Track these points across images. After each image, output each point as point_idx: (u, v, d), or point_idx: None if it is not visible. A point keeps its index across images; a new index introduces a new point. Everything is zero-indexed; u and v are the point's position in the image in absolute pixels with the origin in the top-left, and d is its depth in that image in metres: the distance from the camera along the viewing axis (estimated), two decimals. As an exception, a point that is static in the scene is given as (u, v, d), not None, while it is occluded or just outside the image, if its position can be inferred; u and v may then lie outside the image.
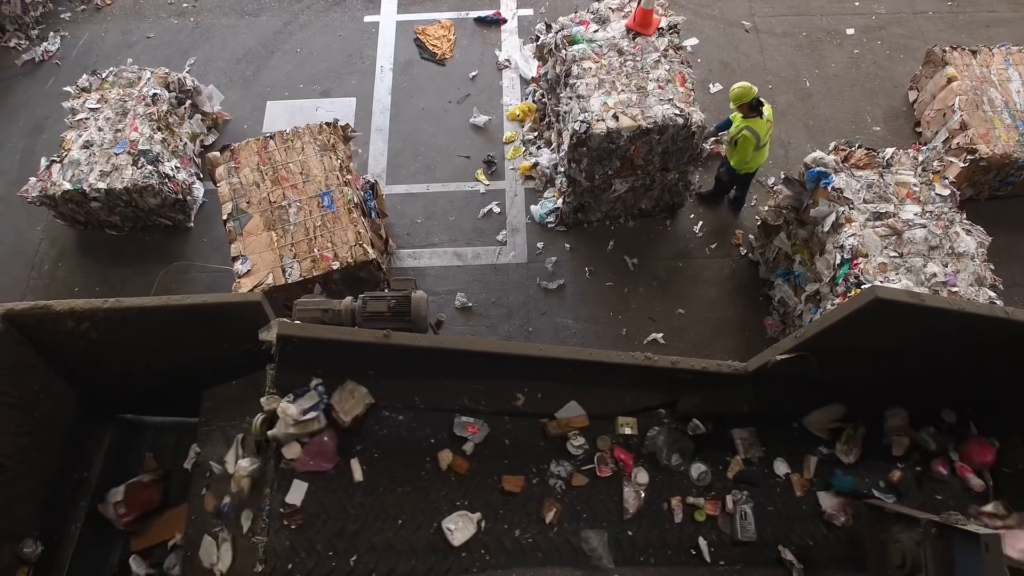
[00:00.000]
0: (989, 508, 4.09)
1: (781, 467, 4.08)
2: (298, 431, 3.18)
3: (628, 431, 3.91)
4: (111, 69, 8.36)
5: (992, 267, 6.18)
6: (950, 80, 8.00)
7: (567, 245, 7.99)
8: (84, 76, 8.32)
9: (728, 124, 7.36)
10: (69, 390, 3.82)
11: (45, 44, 9.69)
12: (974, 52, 8.16)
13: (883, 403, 4.33)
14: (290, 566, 3.11)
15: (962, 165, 7.39)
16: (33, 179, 7.59)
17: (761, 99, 7.01)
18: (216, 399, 3.77)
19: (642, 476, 3.82)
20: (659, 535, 3.71)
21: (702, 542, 3.74)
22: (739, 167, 7.36)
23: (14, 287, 7.86)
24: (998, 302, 5.85)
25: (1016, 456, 4.29)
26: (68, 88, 8.39)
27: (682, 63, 7.26)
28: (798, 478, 4.05)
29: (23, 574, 3.44)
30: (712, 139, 8.02)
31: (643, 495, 3.77)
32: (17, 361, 3.44)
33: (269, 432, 3.17)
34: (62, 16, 10.07)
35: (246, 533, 3.19)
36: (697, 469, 3.93)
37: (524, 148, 8.62)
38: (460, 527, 3.42)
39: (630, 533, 3.67)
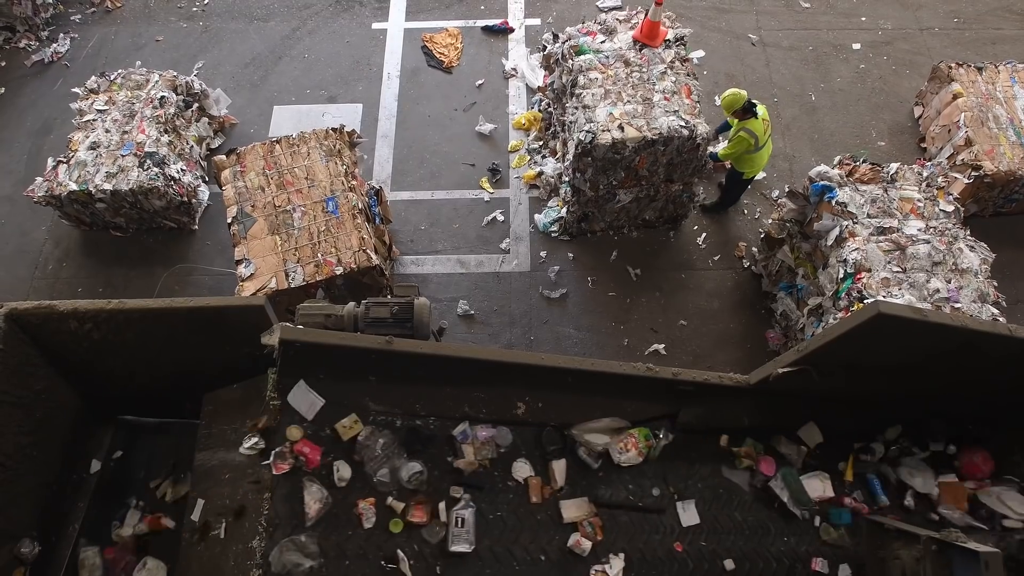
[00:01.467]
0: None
1: (523, 470, 3.69)
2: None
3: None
4: (119, 71, 8.40)
5: (995, 284, 6.17)
6: (955, 96, 8.01)
7: (570, 254, 8.00)
8: (92, 78, 8.35)
9: (727, 126, 7.43)
10: (70, 390, 3.83)
11: (55, 45, 9.75)
12: (980, 69, 8.18)
13: (885, 418, 4.33)
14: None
15: (966, 181, 7.38)
16: (39, 179, 7.62)
17: (753, 100, 7.07)
18: (217, 402, 3.77)
19: (345, 471, 3.32)
20: (337, 543, 3.22)
21: (400, 554, 3.27)
22: (724, 157, 7.41)
23: (18, 287, 7.88)
24: (1001, 319, 5.85)
25: (1017, 472, 4.28)
26: (76, 89, 8.43)
27: (688, 75, 7.28)
28: (537, 483, 3.67)
29: (20, 574, 3.43)
30: (717, 148, 8.03)
31: (329, 497, 3.24)
32: (20, 361, 3.44)
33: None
34: (72, 18, 10.13)
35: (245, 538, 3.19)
36: (410, 469, 3.41)
37: (529, 157, 8.64)
38: None
39: (304, 539, 3.13)
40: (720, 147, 7.58)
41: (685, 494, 3.96)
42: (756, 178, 8.14)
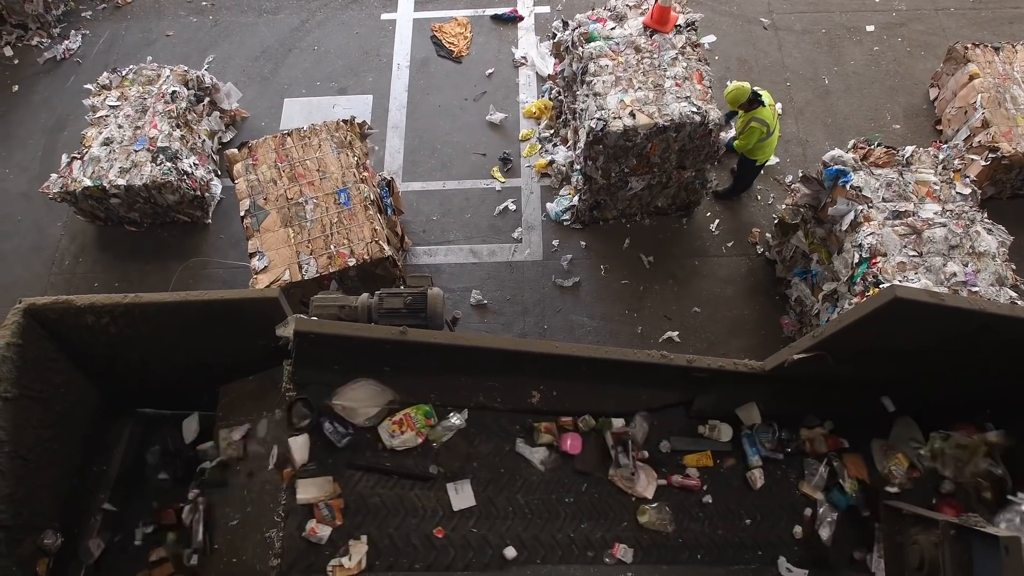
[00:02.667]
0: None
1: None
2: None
3: None
4: (131, 67, 8.44)
5: (1013, 267, 6.10)
6: (972, 77, 7.90)
7: (583, 243, 7.98)
8: (104, 74, 8.40)
9: (734, 115, 7.42)
10: (89, 384, 3.86)
11: (67, 42, 9.79)
12: (997, 49, 8.06)
13: (900, 404, 4.30)
14: (305, 560, 3.13)
15: (983, 163, 7.30)
16: (54, 175, 7.68)
17: (757, 90, 7.03)
18: (233, 394, 3.80)
19: None
20: None
21: None
22: (741, 149, 7.39)
23: (35, 282, 7.96)
24: (1019, 302, 5.78)
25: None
26: (89, 86, 8.47)
27: (699, 60, 7.22)
28: (289, 471, 3.28)
29: (43, 565, 3.48)
30: (728, 136, 7.97)
31: None
32: (38, 355, 3.48)
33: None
34: (83, 14, 10.17)
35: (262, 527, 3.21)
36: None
37: (540, 146, 8.61)
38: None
39: None
40: (731, 133, 7.53)
41: (461, 474, 3.61)
42: (768, 163, 8.07)
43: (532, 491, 3.73)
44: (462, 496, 3.56)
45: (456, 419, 3.60)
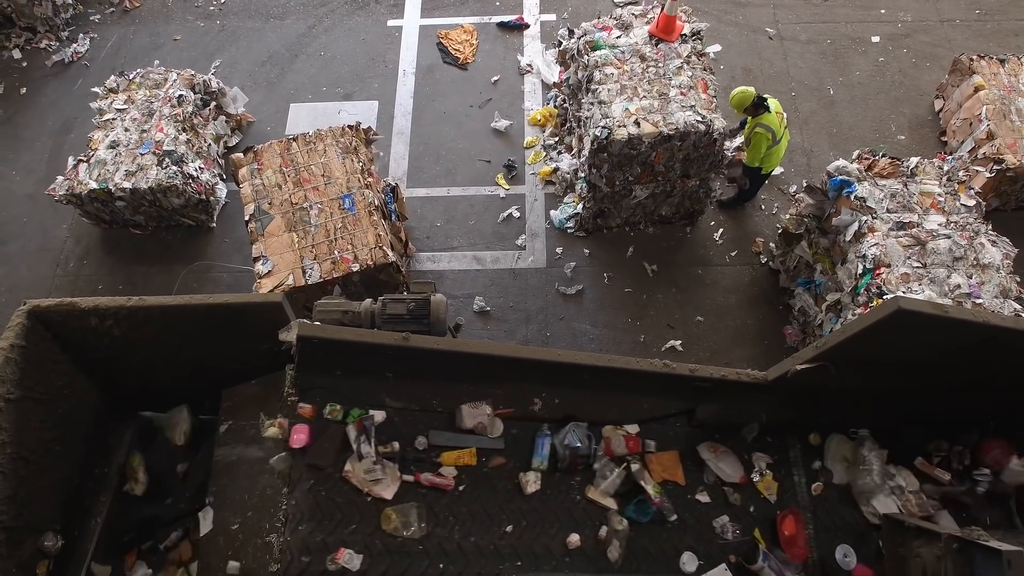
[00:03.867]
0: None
1: None
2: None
3: None
4: (138, 70, 8.48)
5: (1018, 279, 6.08)
6: (977, 89, 7.90)
7: (586, 250, 7.98)
8: (112, 77, 8.45)
9: (743, 122, 7.42)
10: (91, 386, 3.87)
11: (75, 45, 9.85)
12: (1002, 61, 8.06)
13: (903, 416, 4.28)
14: (304, 564, 3.12)
15: (988, 175, 7.29)
16: (60, 178, 7.72)
17: (763, 96, 7.03)
18: (235, 398, 3.80)
19: None
20: None
21: None
22: (751, 163, 7.38)
23: (40, 284, 7.98)
24: (1023, 315, 5.77)
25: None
26: (96, 89, 8.52)
27: (704, 70, 7.24)
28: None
29: (43, 567, 3.48)
30: (735, 144, 7.96)
31: None
32: (42, 357, 3.49)
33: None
34: (91, 18, 10.23)
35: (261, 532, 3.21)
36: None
37: (545, 153, 8.63)
38: None
39: None
40: (737, 142, 7.53)
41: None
42: (773, 173, 8.08)
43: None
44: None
45: None
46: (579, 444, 3.66)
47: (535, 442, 3.69)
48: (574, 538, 3.54)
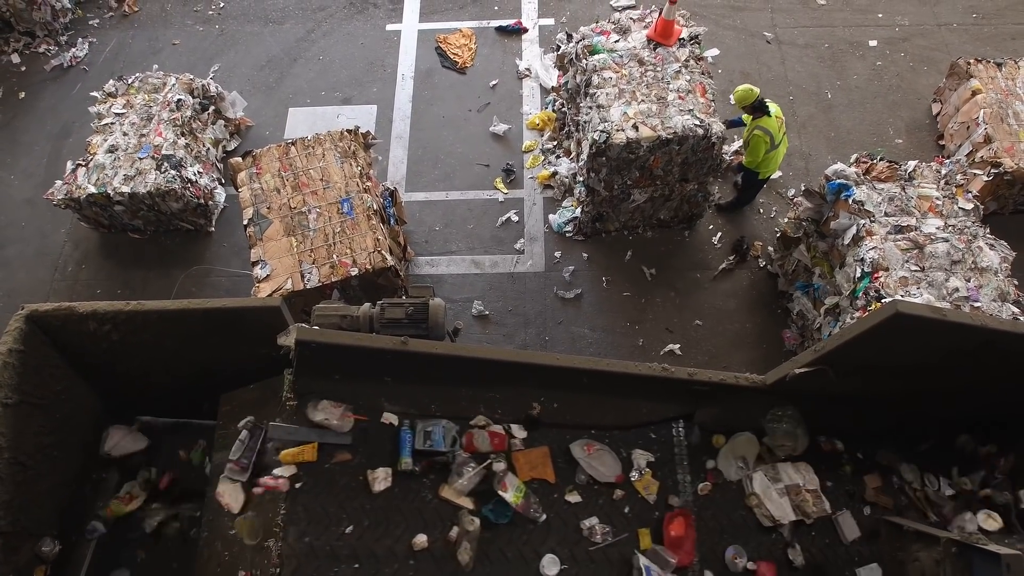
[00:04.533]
0: None
1: None
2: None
3: None
4: (137, 75, 8.48)
5: (1016, 282, 6.09)
6: (974, 93, 7.92)
7: (585, 255, 7.98)
8: (110, 81, 8.45)
9: (738, 121, 7.43)
10: (89, 391, 3.87)
11: (73, 50, 9.86)
12: (999, 65, 8.08)
13: (903, 419, 4.29)
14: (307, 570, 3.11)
15: (986, 179, 7.30)
16: (59, 182, 7.71)
17: (765, 99, 7.06)
18: (233, 403, 3.80)
19: None
20: None
21: None
22: (750, 165, 7.41)
23: (38, 288, 7.97)
24: (1022, 318, 5.77)
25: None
26: (95, 93, 8.53)
27: (703, 74, 7.25)
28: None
29: (41, 572, 3.47)
30: (733, 148, 7.98)
31: None
32: (40, 361, 3.48)
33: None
34: (90, 22, 10.24)
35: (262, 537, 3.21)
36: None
37: (543, 157, 8.63)
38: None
39: None
40: (735, 145, 7.55)
41: None
42: (772, 177, 8.09)
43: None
44: None
45: None
46: (440, 440, 3.49)
47: (399, 438, 3.49)
48: (420, 539, 3.34)
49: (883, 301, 5.77)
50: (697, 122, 6.79)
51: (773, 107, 7.11)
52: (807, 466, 3.98)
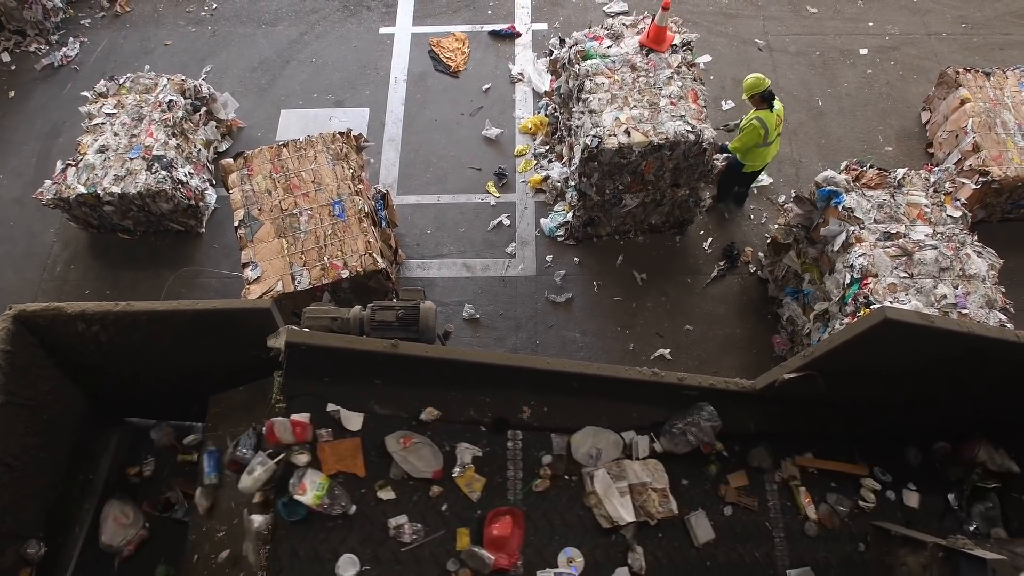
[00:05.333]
0: None
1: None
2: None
3: None
4: (128, 75, 8.45)
5: (1003, 290, 6.14)
6: (963, 101, 7.99)
7: (576, 259, 8.00)
8: (101, 81, 8.41)
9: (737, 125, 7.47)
10: (77, 392, 3.84)
11: (64, 49, 9.81)
12: (988, 74, 8.16)
13: (892, 425, 4.31)
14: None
15: (974, 187, 7.36)
16: (48, 182, 7.67)
17: (773, 92, 7.10)
18: (223, 404, 3.78)
19: None
20: None
21: None
22: (735, 150, 7.41)
23: (26, 288, 7.92)
24: (1009, 325, 5.82)
25: (1026, 482, 4.25)
26: (85, 93, 8.49)
27: (695, 80, 7.28)
28: None
29: (26, 575, 3.44)
30: (723, 156, 8.01)
31: None
32: (27, 362, 3.46)
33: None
34: (82, 22, 10.20)
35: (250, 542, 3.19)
36: None
37: (535, 161, 8.65)
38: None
39: None
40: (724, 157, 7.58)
41: None
42: (762, 183, 8.14)
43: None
44: None
45: None
46: (247, 452, 3.32)
47: (202, 461, 3.55)
48: (224, 553, 3.21)
49: (872, 307, 5.80)
50: (689, 128, 6.82)
51: (778, 104, 7.16)
52: (657, 464, 3.81)
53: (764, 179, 8.36)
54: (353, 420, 3.36)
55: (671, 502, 3.73)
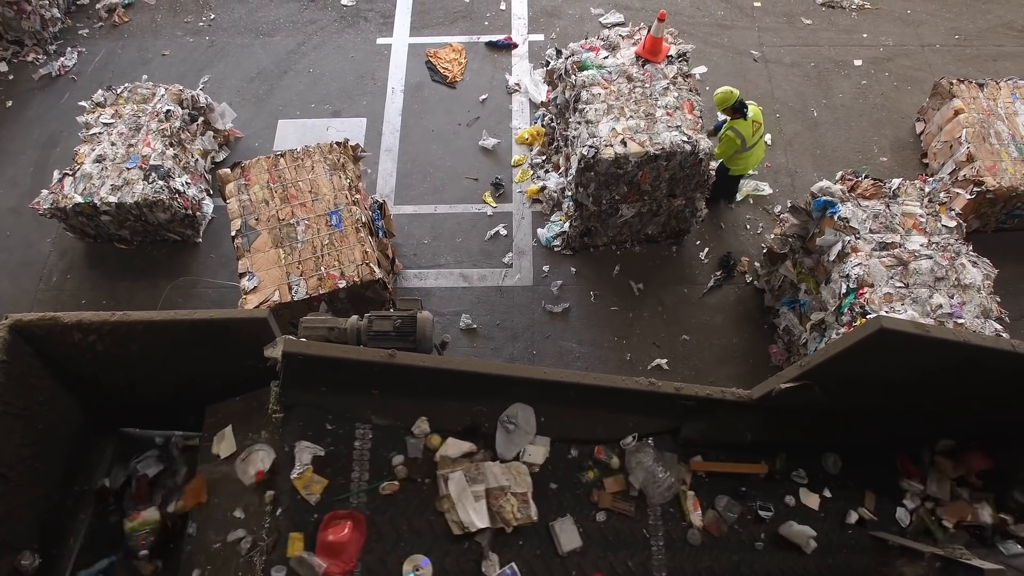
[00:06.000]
0: None
1: None
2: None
3: None
4: (126, 85, 8.46)
5: (998, 299, 6.16)
6: (957, 112, 8.04)
7: (573, 269, 8.01)
8: (99, 91, 8.42)
9: (722, 124, 7.60)
10: (73, 402, 3.83)
11: (62, 59, 9.83)
12: (981, 85, 8.21)
13: (886, 434, 4.31)
14: None
15: (968, 197, 7.40)
16: (45, 191, 7.66)
17: (744, 101, 7.24)
18: (219, 415, 3.77)
19: None
20: None
21: None
22: (717, 156, 7.55)
23: (22, 298, 7.90)
24: (1004, 335, 5.84)
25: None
26: (83, 103, 8.50)
27: (690, 91, 7.32)
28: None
29: (20, 587, 3.42)
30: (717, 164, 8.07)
31: None
32: (23, 372, 3.45)
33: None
34: (80, 32, 10.22)
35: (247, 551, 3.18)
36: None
37: (532, 171, 8.67)
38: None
39: None
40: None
41: None
42: (759, 194, 8.17)
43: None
44: None
45: None
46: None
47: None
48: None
49: (868, 317, 5.82)
50: (685, 138, 6.85)
51: (752, 109, 7.31)
52: (521, 467, 3.60)
53: (763, 189, 8.40)
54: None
55: (531, 507, 3.51)
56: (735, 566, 3.80)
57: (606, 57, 7.60)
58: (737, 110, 7.24)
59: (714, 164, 7.62)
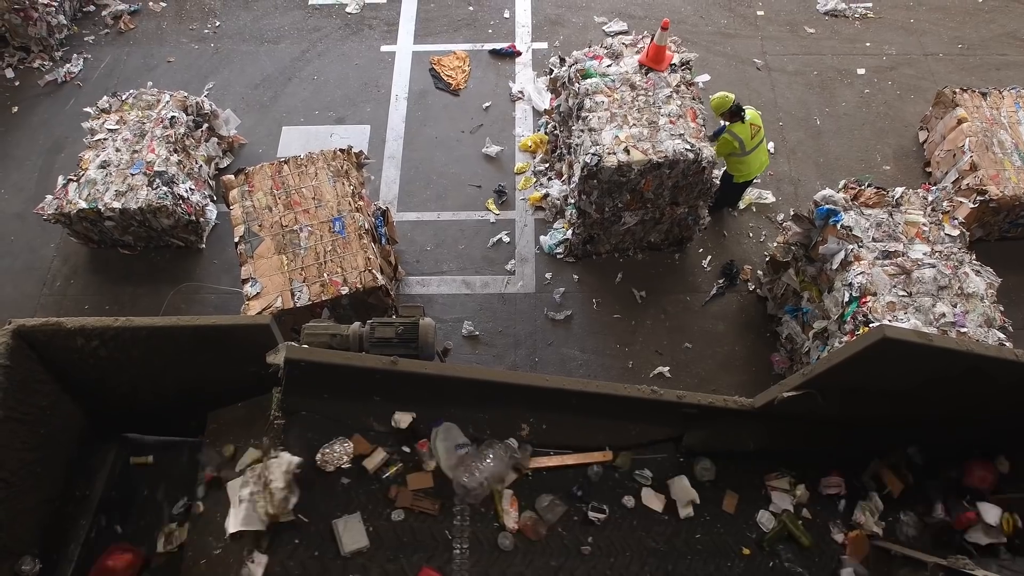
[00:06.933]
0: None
1: None
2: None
3: None
4: (131, 91, 8.51)
5: (1002, 308, 6.15)
6: (960, 121, 8.04)
7: (575, 276, 8.01)
8: (104, 97, 8.46)
9: (722, 130, 7.60)
10: (75, 407, 3.83)
11: (68, 66, 9.88)
12: (984, 94, 8.22)
13: (888, 443, 4.30)
14: None
15: (972, 206, 7.39)
16: (49, 197, 7.69)
17: (741, 106, 7.26)
18: (221, 421, 3.77)
19: None
20: None
21: None
22: (719, 155, 7.49)
23: (26, 303, 7.92)
24: (1007, 344, 5.82)
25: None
26: (88, 109, 8.53)
27: (693, 99, 7.34)
28: None
29: (20, 592, 3.42)
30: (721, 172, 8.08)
31: None
32: (26, 377, 3.45)
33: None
34: (86, 39, 10.27)
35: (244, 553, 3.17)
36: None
37: (535, 179, 8.68)
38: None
39: None
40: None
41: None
42: (763, 202, 8.17)
43: None
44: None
45: None
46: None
47: None
48: None
49: (871, 326, 5.80)
50: (688, 146, 6.86)
51: (750, 113, 7.32)
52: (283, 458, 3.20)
53: (766, 197, 8.41)
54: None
55: (289, 502, 3.12)
56: (553, 572, 3.53)
57: (609, 65, 7.62)
58: (735, 114, 7.27)
59: (718, 172, 7.62)
